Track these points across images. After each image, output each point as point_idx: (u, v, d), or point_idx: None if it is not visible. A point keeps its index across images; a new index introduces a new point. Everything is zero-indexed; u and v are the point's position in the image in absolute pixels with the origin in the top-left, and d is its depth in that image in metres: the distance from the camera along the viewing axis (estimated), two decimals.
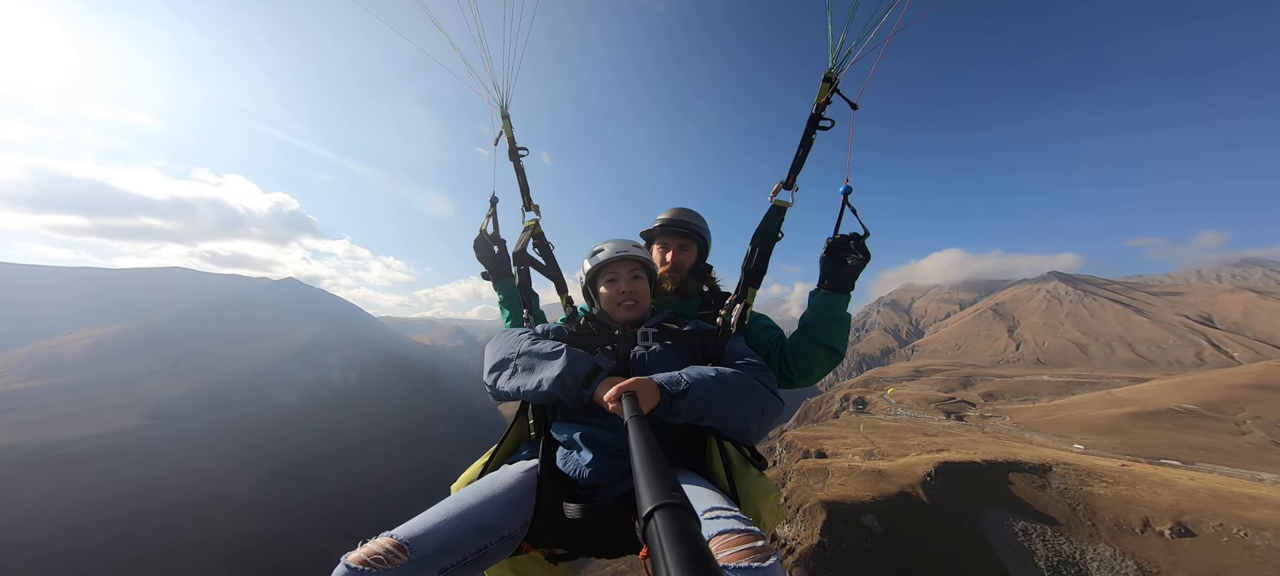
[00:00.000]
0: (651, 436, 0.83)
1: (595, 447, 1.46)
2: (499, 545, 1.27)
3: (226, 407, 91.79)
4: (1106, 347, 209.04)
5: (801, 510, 31.44)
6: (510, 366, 1.55)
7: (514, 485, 1.40)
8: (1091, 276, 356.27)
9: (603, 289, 1.86)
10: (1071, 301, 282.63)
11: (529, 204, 2.33)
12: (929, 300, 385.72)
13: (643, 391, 1.27)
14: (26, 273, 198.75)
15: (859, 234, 1.84)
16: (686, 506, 0.56)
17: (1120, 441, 53.08)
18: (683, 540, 0.49)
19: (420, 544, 1.08)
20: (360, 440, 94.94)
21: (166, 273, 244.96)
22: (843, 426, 65.70)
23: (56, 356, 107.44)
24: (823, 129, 1.84)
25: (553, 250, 2.30)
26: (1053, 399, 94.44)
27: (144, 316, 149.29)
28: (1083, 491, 34.63)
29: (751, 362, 1.61)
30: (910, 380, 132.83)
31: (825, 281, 1.87)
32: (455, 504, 1.26)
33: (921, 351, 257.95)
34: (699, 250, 2.35)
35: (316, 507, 69.91)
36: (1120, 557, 28.60)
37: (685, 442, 1.57)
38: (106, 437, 67.80)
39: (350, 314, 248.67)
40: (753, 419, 1.47)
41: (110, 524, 53.89)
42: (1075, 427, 60.76)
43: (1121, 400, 75.27)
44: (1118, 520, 31.28)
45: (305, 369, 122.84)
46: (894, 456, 43.29)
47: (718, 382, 1.42)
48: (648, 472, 0.65)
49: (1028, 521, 32.26)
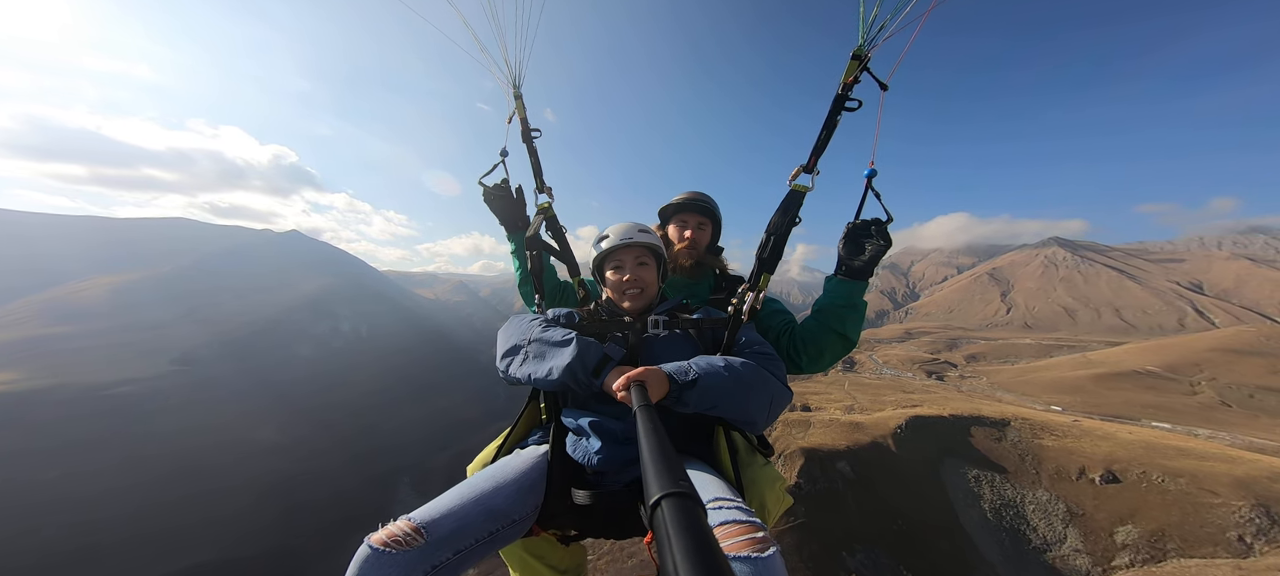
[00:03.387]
0: (659, 425, 0.83)
1: (604, 435, 1.49)
2: (510, 529, 1.33)
3: (247, 357, 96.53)
4: (1094, 313, 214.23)
5: (783, 456, 35.58)
6: (522, 353, 1.58)
7: (525, 471, 1.45)
8: (1094, 243, 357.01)
9: (608, 275, 1.86)
10: (1068, 267, 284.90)
11: (542, 187, 2.26)
12: (928, 264, 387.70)
13: (651, 381, 1.31)
14: (33, 220, 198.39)
15: (881, 219, 1.80)
16: (693, 495, 0.58)
17: (1081, 400, 57.66)
18: (689, 529, 0.50)
19: (436, 527, 1.15)
20: (374, 387, 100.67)
21: (170, 223, 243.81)
22: (830, 383, 70.45)
23: (76, 303, 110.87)
24: (849, 110, 1.74)
25: (566, 233, 2.25)
26: (1030, 361, 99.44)
27: (154, 265, 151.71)
28: (1033, 443, 38.88)
29: (761, 352, 1.63)
30: (900, 342, 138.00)
31: (842, 267, 1.84)
32: (469, 489, 1.32)
33: (915, 314, 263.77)
34: (713, 230, 2.39)
35: (339, 451, 75.41)
36: (1054, 501, 33.01)
37: (693, 431, 1.60)
38: (143, 382, 72.72)
39: (356, 266, 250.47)
40: (761, 410, 1.49)
41: (159, 460, 59.59)
42: (1044, 387, 65.41)
43: (1093, 363, 79.75)
44: (1059, 469, 35.61)
45: (317, 320, 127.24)
46: (872, 411, 47.53)
47: (727, 373, 1.43)
48: (655, 462, 0.66)
49: (980, 470, 36.59)
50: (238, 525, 55.20)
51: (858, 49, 1.65)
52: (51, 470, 53.87)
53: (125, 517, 51.74)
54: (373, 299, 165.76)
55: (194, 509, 55.91)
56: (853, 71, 1.66)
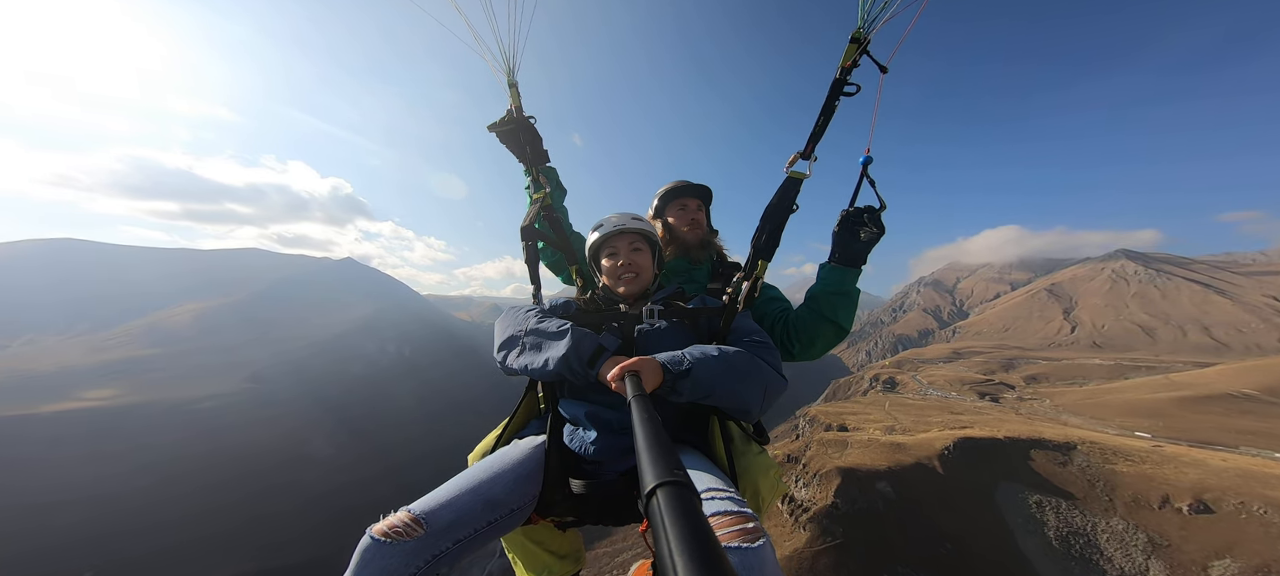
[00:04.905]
0: (654, 414, 0.84)
1: (599, 426, 1.51)
2: (508, 518, 1.36)
3: (306, 375, 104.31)
4: (1177, 331, 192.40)
5: (818, 475, 34.42)
6: (518, 344, 1.59)
7: (522, 461, 1.48)
8: (1169, 255, 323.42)
9: (604, 262, 1.87)
10: (1140, 281, 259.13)
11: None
12: (977, 280, 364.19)
13: (645, 370, 1.31)
14: (132, 253, 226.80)
15: (874, 207, 1.79)
16: (688, 484, 0.57)
17: (1163, 424, 51.94)
18: (685, 517, 0.50)
19: (435, 518, 1.17)
20: (415, 405, 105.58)
21: (244, 253, 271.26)
22: (868, 404, 67.24)
23: (168, 327, 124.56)
24: (847, 95, 1.70)
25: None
26: (1101, 383, 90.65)
27: (231, 292, 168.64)
28: (1105, 468, 35.54)
29: (756, 341, 1.63)
30: (947, 361, 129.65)
31: (836, 254, 1.84)
32: (467, 479, 1.35)
33: (963, 333, 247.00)
34: (708, 214, 2.44)
35: (380, 464, 79.47)
36: (1132, 530, 29.91)
37: (687, 420, 1.62)
38: (221, 398, 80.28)
39: (400, 291, 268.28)
40: (755, 398, 1.48)
41: (226, 469, 65.02)
42: (1118, 411, 59.45)
43: (1176, 384, 71.75)
44: (1137, 496, 32.29)
45: (367, 341, 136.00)
46: (915, 432, 45.05)
47: (721, 362, 1.43)
48: (650, 451, 0.66)
49: (1043, 495, 33.76)
50: (284, 532, 58.76)
51: (857, 31, 1.64)
52: (145, 477, 59.99)
53: (192, 521, 56.47)
54: (416, 321, 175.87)
55: (249, 516, 60.15)
56: (851, 55, 1.64)
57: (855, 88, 1.70)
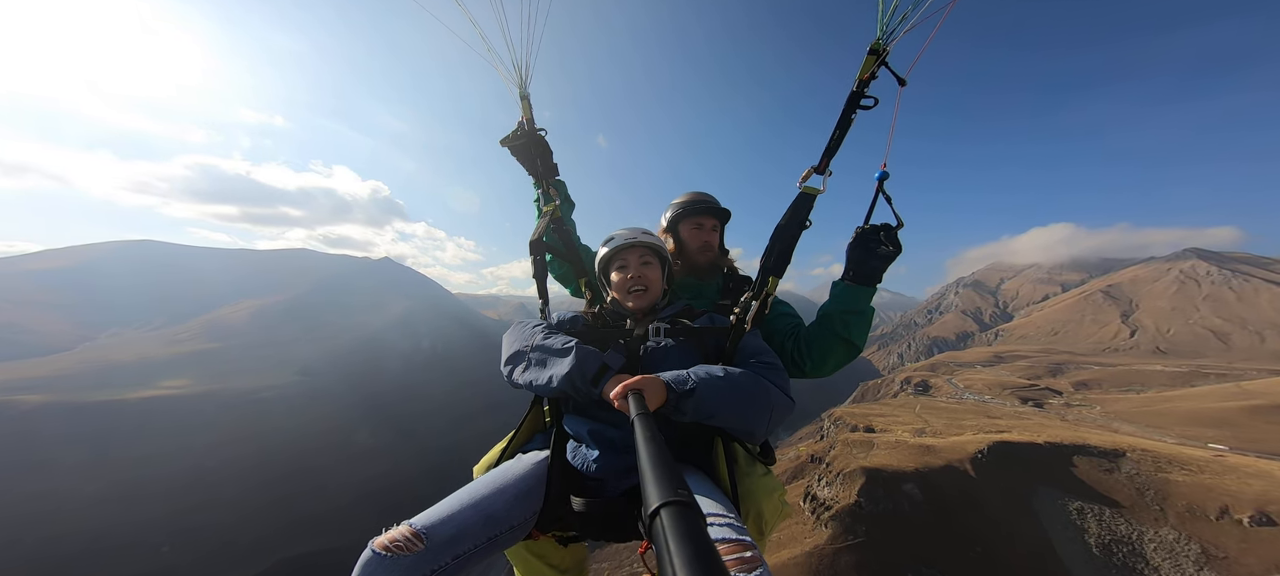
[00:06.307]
0: (657, 434, 0.82)
1: (602, 444, 1.51)
2: (509, 533, 1.36)
3: (349, 369, 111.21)
4: (1254, 336, 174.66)
5: (842, 474, 34.16)
6: (524, 360, 1.59)
7: (524, 476, 1.48)
8: (1247, 254, 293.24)
9: (614, 276, 1.87)
10: (1213, 283, 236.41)
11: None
12: (1023, 281, 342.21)
13: (649, 389, 1.30)
14: (199, 254, 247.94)
15: (891, 225, 1.74)
16: (692, 504, 0.56)
17: (1230, 434, 48.05)
18: (689, 538, 0.49)
19: (436, 532, 1.18)
20: (447, 401, 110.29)
21: (295, 254, 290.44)
22: (898, 406, 65.41)
23: (229, 323, 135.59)
24: (864, 108, 1.66)
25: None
26: (1162, 389, 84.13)
27: (283, 290, 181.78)
28: (1156, 477, 33.61)
29: (764, 361, 1.61)
30: (986, 365, 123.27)
31: (850, 272, 1.80)
32: (469, 494, 1.35)
33: (1006, 336, 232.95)
34: (722, 236, 2.40)
35: (417, 458, 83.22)
36: (1184, 541, 28.31)
37: (690, 440, 1.59)
38: (276, 388, 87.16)
39: (433, 289, 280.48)
40: (761, 420, 1.45)
41: (279, 455, 70.51)
42: (1179, 419, 55.31)
43: (1249, 393, 65.76)
44: (1191, 506, 30.44)
45: (403, 338, 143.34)
46: (947, 435, 43.72)
47: (726, 383, 1.41)
48: (654, 470, 0.65)
49: (1085, 502, 32.29)
50: (332, 517, 63.18)
51: (875, 43, 1.59)
52: (213, 459, 66.01)
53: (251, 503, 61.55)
54: (448, 319, 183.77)
55: (308, 500, 65.04)
56: (869, 67, 1.60)
57: (873, 101, 1.66)
